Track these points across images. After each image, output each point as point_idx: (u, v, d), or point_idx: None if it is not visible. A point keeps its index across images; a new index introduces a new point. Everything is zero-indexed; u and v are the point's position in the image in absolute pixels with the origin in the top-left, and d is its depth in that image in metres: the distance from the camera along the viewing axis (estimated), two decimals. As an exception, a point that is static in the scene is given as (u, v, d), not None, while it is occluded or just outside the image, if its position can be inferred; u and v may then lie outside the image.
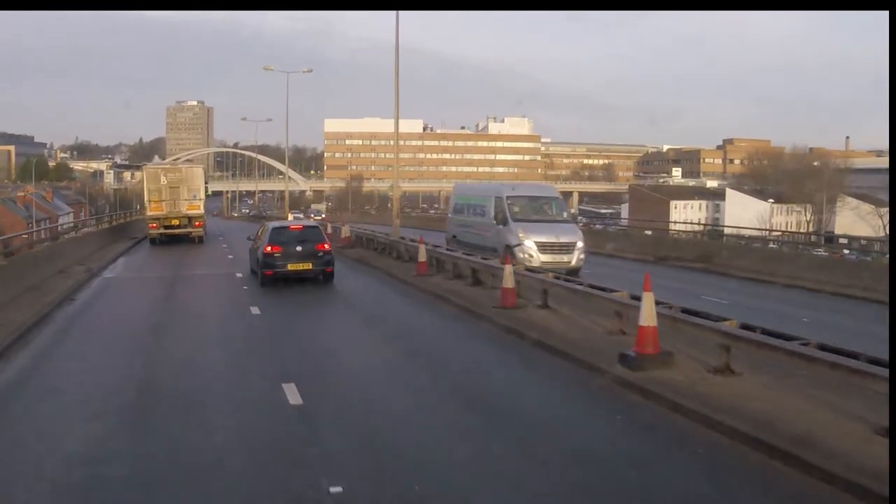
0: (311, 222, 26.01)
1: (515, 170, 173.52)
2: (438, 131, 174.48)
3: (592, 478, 6.22)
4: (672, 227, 47.23)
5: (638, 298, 9.00)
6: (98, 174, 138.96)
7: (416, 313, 14.97)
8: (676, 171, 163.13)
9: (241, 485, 6.12)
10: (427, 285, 17.23)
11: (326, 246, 19.00)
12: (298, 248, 18.50)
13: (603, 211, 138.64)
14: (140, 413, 8.17)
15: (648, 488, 5.97)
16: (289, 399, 8.44)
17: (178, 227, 32.35)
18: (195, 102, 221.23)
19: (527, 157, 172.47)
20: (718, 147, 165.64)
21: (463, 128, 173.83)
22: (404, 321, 14.28)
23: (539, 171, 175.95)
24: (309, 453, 6.80)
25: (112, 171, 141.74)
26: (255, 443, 7.13)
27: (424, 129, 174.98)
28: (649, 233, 39.76)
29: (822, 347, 7.17)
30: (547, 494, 5.84)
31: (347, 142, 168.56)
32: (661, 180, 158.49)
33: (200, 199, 33.06)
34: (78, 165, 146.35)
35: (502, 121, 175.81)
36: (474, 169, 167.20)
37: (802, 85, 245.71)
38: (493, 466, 6.41)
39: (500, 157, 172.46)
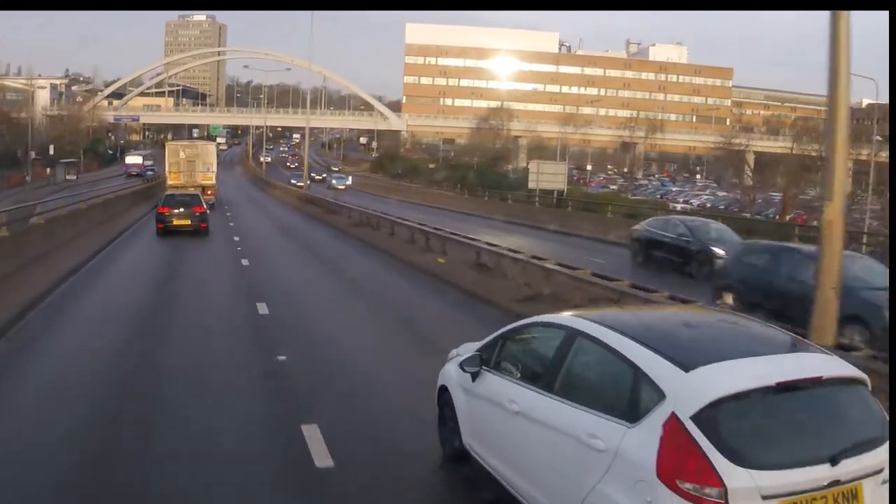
0: (193, 190, 34.62)
1: (693, 118, 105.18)
2: (579, 53, 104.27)
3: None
4: None
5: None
6: (30, 96, 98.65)
7: None
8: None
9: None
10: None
11: (202, 208, 28.71)
12: (182, 210, 28.15)
13: None
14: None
15: None
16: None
17: None
18: (203, 17, 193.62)
19: (709, 100, 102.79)
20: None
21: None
22: None
23: (727, 122, 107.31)
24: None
25: (49, 89, 76.76)
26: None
27: (560, 48, 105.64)
28: None
29: None
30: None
31: (440, 61, 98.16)
32: None
33: (213, 172, 43.15)
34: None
35: (652, 45, 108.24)
36: (632, 113, 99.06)
37: None
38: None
39: (670, 97, 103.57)
